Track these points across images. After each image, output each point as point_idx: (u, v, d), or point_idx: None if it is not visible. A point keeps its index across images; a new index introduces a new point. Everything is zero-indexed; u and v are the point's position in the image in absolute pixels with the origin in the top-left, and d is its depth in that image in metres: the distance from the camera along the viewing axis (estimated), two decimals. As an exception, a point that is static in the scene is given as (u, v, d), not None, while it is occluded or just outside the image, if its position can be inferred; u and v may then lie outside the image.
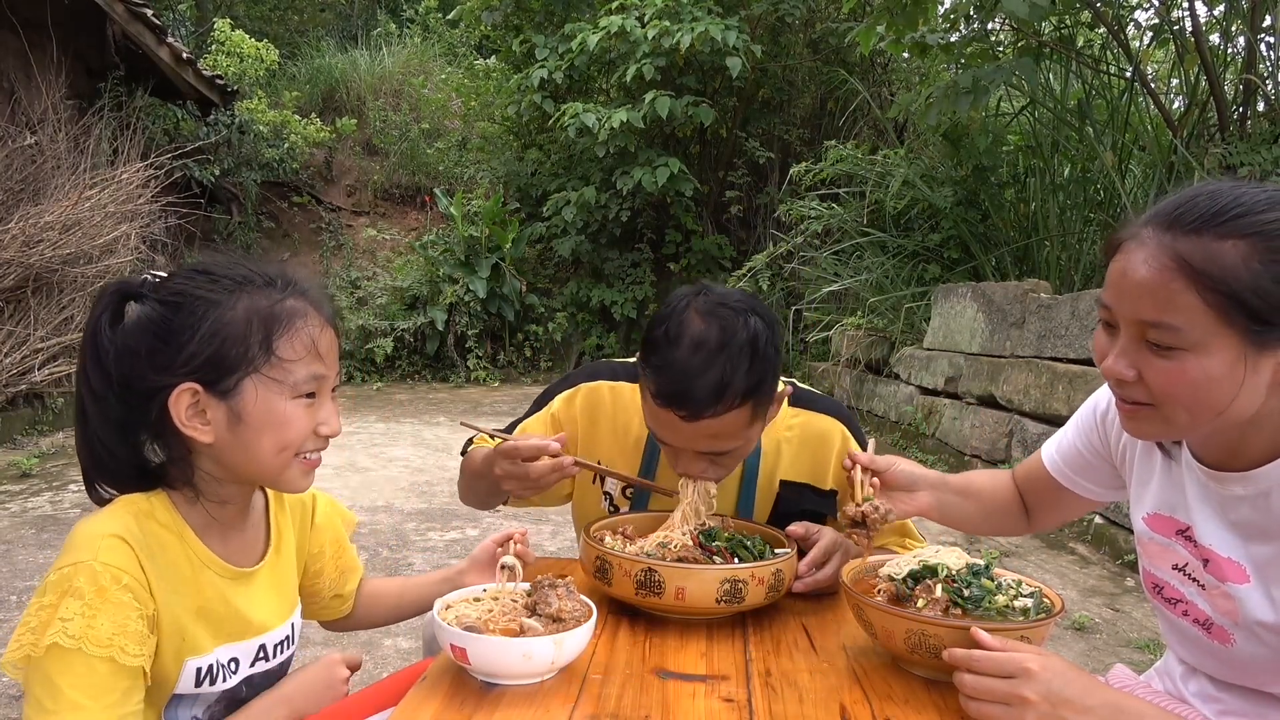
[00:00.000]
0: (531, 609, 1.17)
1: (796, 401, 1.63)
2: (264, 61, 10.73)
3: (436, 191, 10.26)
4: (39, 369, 6.07)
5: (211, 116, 9.36)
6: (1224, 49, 6.32)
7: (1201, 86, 6.03)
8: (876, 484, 1.35)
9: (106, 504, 1.12)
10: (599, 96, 9.81)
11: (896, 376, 6.78)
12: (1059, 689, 0.99)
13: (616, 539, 1.43)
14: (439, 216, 10.42)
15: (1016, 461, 4.26)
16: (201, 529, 1.15)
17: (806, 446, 1.60)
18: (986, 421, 5.31)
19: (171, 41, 8.14)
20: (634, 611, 1.35)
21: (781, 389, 1.50)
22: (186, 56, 8.36)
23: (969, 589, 1.18)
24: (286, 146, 10.06)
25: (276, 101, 10.85)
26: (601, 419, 1.65)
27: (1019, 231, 6.91)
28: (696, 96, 8.90)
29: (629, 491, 1.66)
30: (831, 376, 7.76)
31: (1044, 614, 1.16)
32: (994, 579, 1.21)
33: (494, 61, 11.11)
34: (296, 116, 10.47)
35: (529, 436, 1.41)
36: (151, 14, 7.75)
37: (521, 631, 1.12)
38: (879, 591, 1.25)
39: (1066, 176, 6.79)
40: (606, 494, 1.68)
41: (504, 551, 1.37)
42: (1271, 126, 5.44)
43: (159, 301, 1.09)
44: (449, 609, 1.19)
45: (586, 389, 1.68)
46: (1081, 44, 6.99)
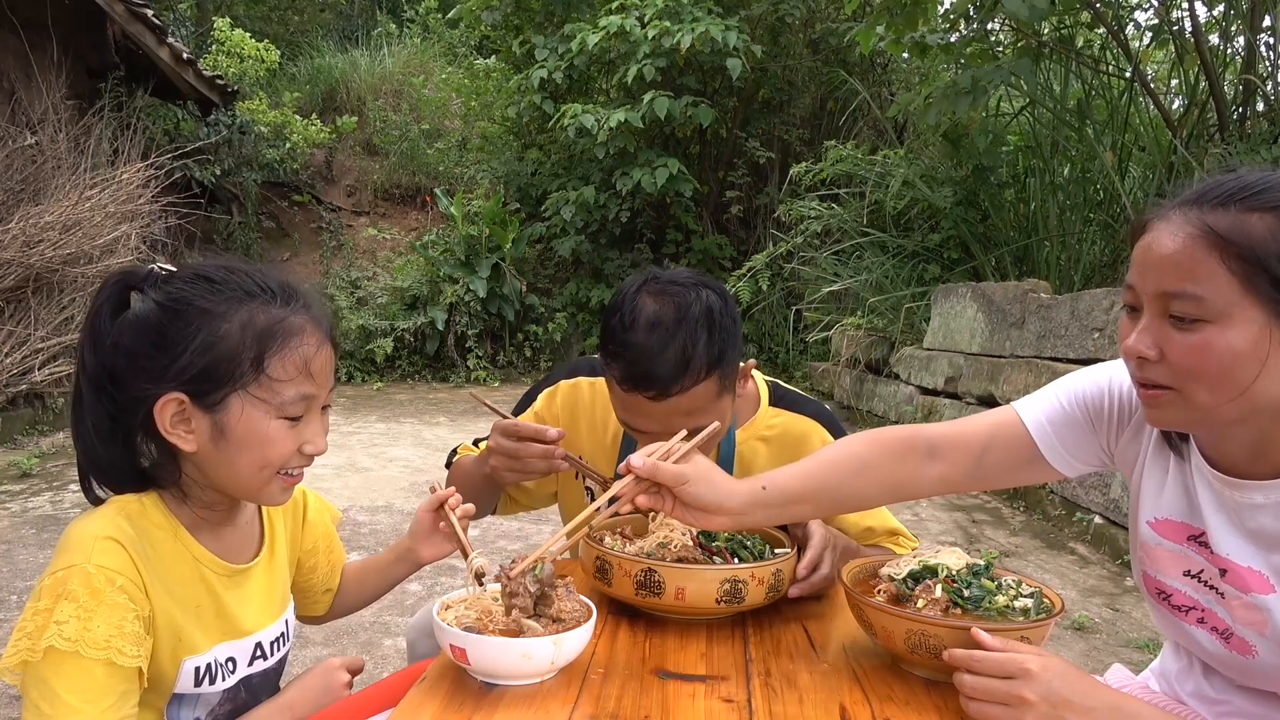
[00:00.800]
0: (531, 609, 1.17)
1: (778, 402, 1.63)
2: (264, 61, 10.73)
3: (436, 191, 10.26)
4: (39, 369, 6.07)
5: (212, 117, 9.36)
6: (1224, 49, 6.33)
7: (1201, 86, 6.04)
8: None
9: (101, 504, 1.12)
10: (599, 97, 9.81)
11: (896, 376, 6.78)
12: (1059, 690, 0.99)
13: (616, 539, 1.43)
14: (439, 216, 10.42)
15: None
16: (194, 527, 1.15)
17: (785, 448, 1.60)
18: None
19: (172, 41, 8.14)
20: (634, 612, 1.35)
21: (747, 365, 1.51)
22: (187, 56, 8.36)
23: (969, 589, 1.18)
24: (287, 147, 10.05)
25: (277, 102, 10.85)
26: (581, 415, 1.66)
27: (1019, 231, 6.92)
28: (696, 97, 8.90)
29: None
30: (831, 376, 7.76)
31: (1044, 614, 1.16)
32: (994, 579, 1.21)
33: (494, 62, 11.11)
34: (297, 117, 10.47)
35: (525, 424, 1.43)
36: (152, 14, 7.75)
37: (521, 632, 1.12)
38: (879, 591, 1.24)
39: (1066, 176, 6.80)
40: (588, 489, 1.69)
41: (448, 526, 1.35)
42: (1271, 126, 5.44)
43: (159, 304, 1.08)
44: (448, 609, 1.19)
45: (566, 386, 1.69)
46: (1081, 44, 7.00)
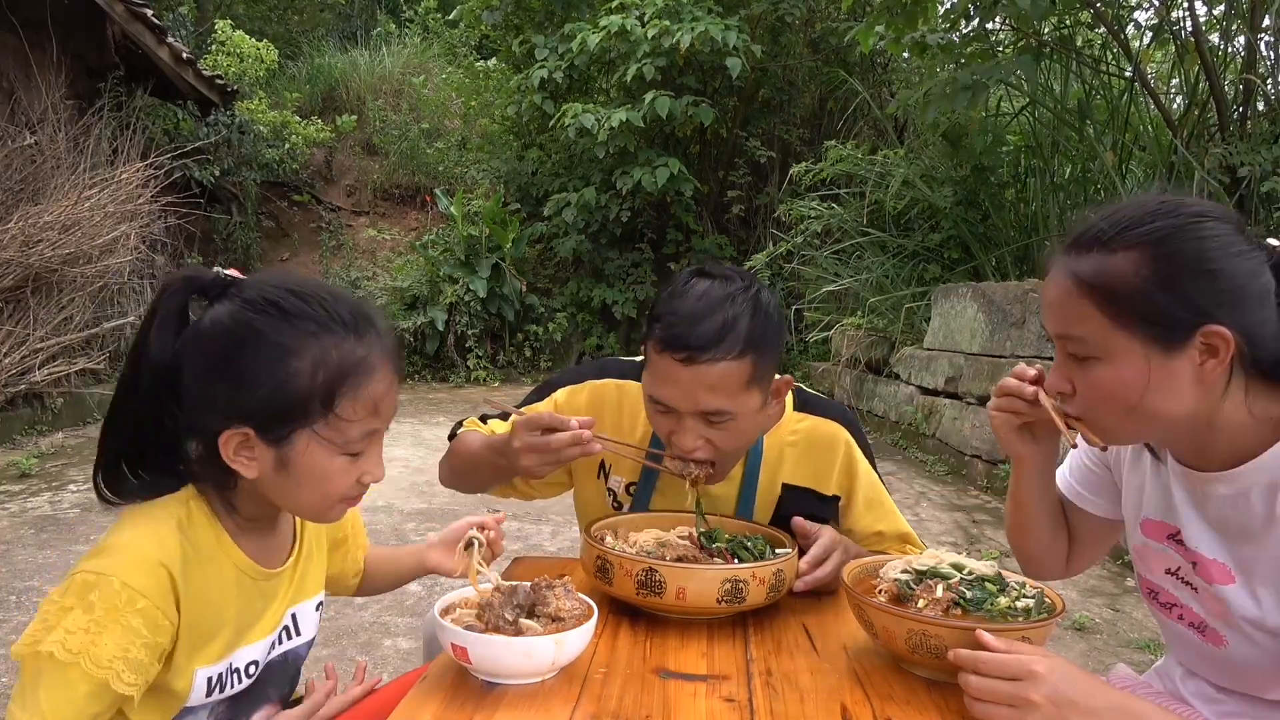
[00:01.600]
0: (529, 608, 1.17)
1: (803, 406, 1.62)
2: (264, 61, 10.73)
3: (436, 191, 10.26)
4: (39, 369, 6.07)
5: (211, 116, 9.35)
6: (1224, 49, 6.32)
7: (1201, 86, 6.03)
8: None
9: (115, 503, 1.09)
10: (599, 96, 9.80)
11: (896, 376, 6.78)
12: (1064, 691, 0.99)
13: (617, 539, 1.43)
14: (439, 216, 10.42)
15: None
16: (236, 531, 1.14)
17: (811, 451, 1.59)
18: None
19: (171, 41, 8.14)
20: (635, 611, 1.35)
21: (784, 380, 1.50)
22: (186, 56, 8.35)
23: (971, 590, 1.18)
24: (287, 147, 10.05)
25: (276, 101, 10.85)
26: (607, 415, 1.64)
27: (1019, 231, 6.92)
28: (696, 96, 8.89)
29: (632, 488, 1.65)
30: (831, 376, 7.76)
31: (1045, 614, 1.16)
32: (998, 580, 1.21)
33: (494, 63, 11.11)
34: (296, 117, 10.47)
35: (546, 413, 1.41)
36: (151, 14, 7.74)
37: (521, 631, 1.12)
38: (880, 591, 1.24)
39: (1066, 176, 6.80)
40: (610, 490, 1.68)
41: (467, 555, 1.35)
42: (1271, 126, 5.43)
43: (228, 329, 1.05)
44: (450, 609, 1.19)
45: (593, 385, 1.67)
46: (1081, 44, 6.99)
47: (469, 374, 9.42)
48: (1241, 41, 6.07)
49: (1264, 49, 5.82)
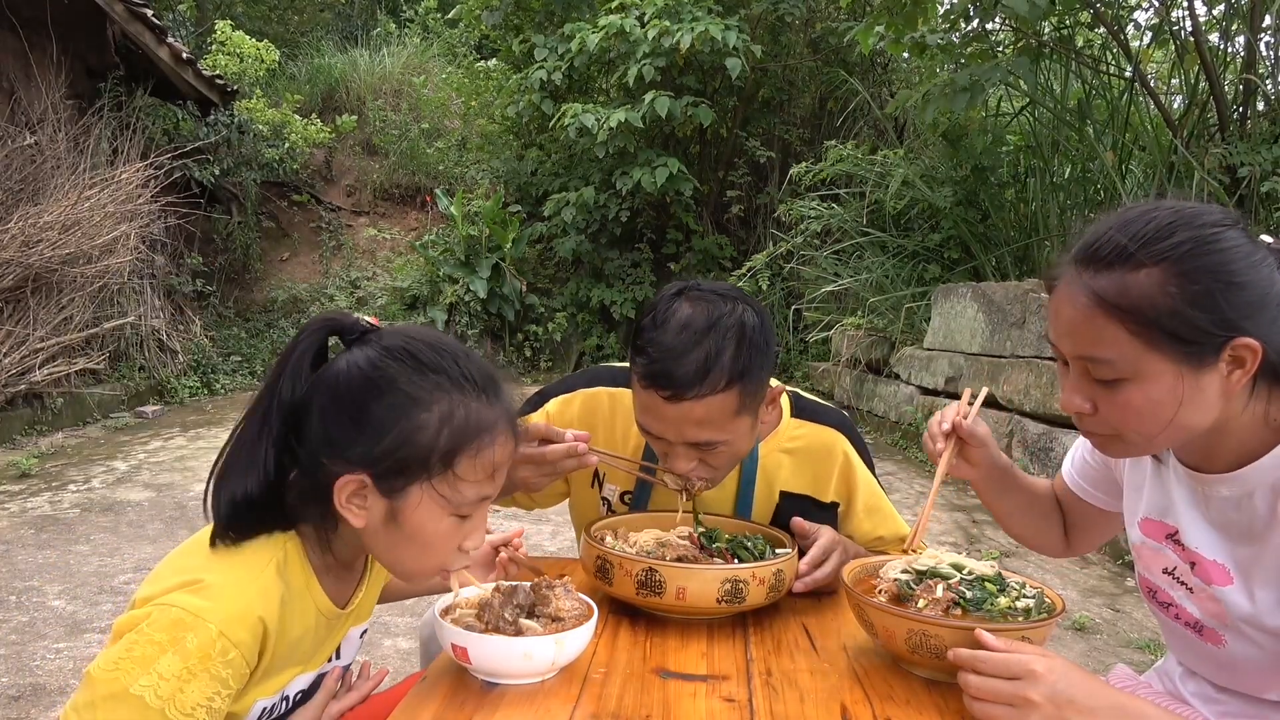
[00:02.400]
0: (529, 609, 1.17)
1: (800, 413, 1.61)
2: (264, 61, 10.72)
3: (436, 191, 10.25)
4: (39, 369, 6.07)
5: (211, 116, 9.35)
6: (1224, 49, 6.32)
7: (1201, 86, 6.03)
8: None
9: (232, 541, 1.06)
10: (599, 97, 9.80)
11: (896, 376, 6.78)
12: (1064, 690, 0.99)
13: (617, 539, 1.43)
14: (439, 216, 10.42)
15: (1017, 463, 4.26)
16: (321, 570, 1.13)
17: (809, 459, 1.59)
18: (987, 421, 5.29)
19: (171, 41, 8.13)
20: (635, 611, 1.35)
21: (776, 388, 1.48)
22: (186, 56, 8.35)
23: (971, 590, 1.18)
24: (286, 146, 10.04)
25: (276, 101, 10.84)
26: (599, 425, 1.63)
27: (1019, 231, 6.91)
28: (696, 96, 8.89)
29: (626, 497, 1.65)
30: (831, 376, 7.76)
31: (1045, 614, 1.16)
32: (998, 580, 1.21)
33: (494, 63, 11.10)
34: (296, 116, 10.46)
35: (541, 424, 1.41)
36: (151, 14, 7.74)
37: (521, 632, 1.12)
38: (880, 591, 1.24)
39: (1066, 176, 6.79)
40: (604, 499, 1.67)
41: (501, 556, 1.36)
42: (1271, 126, 5.44)
43: (364, 373, 1.05)
44: (450, 609, 1.19)
45: (585, 395, 1.65)
46: (1081, 44, 6.99)
47: (469, 374, 9.42)
48: (1241, 41, 6.07)
49: (1264, 49, 5.83)
